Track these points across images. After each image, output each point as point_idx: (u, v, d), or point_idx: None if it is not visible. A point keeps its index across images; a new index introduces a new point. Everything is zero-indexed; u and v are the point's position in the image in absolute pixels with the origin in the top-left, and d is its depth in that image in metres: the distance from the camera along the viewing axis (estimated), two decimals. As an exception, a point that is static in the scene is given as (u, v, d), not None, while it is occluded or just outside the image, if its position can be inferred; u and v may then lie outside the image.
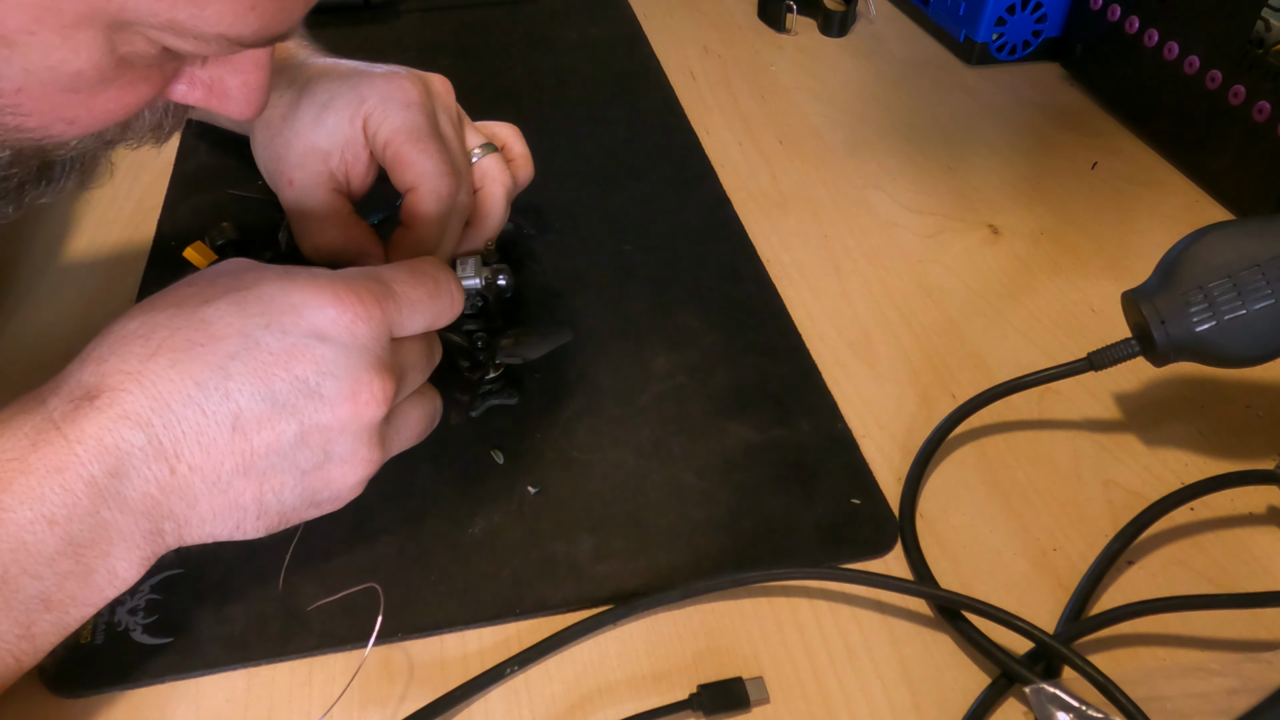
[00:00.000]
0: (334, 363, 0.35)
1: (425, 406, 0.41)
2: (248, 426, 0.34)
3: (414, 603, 0.40)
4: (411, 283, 0.38)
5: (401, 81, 0.47)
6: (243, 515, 0.35)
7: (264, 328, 0.34)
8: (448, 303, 0.39)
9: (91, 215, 0.61)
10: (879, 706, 0.38)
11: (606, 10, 0.86)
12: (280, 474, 0.35)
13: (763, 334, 0.53)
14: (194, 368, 0.33)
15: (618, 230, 0.60)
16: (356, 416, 0.35)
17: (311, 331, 0.35)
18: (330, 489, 0.37)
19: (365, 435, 0.36)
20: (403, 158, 0.46)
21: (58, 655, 0.38)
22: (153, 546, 0.34)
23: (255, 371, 0.34)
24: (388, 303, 0.36)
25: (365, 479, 0.37)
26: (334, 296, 0.35)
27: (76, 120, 0.31)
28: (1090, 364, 0.44)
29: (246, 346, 0.34)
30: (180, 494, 0.33)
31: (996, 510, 0.45)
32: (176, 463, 0.33)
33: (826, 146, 0.70)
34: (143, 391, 0.32)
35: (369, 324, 0.35)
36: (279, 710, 0.37)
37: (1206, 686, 0.37)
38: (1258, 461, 0.47)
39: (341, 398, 0.35)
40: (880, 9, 0.88)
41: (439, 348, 0.41)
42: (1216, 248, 0.42)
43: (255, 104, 0.36)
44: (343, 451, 0.36)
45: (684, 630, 0.40)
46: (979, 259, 0.60)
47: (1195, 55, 0.64)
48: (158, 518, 0.33)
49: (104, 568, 0.33)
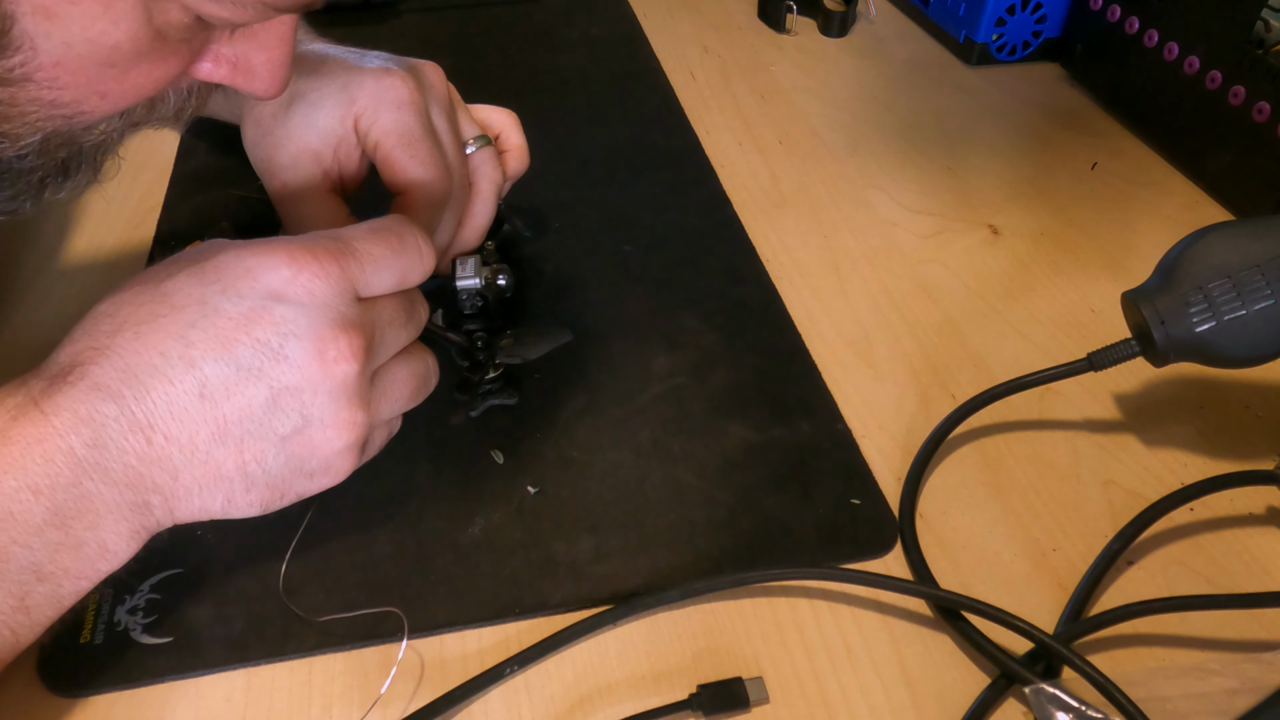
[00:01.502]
0: (294, 322, 0.34)
1: (415, 366, 0.39)
2: (216, 394, 0.33)
3: (414, 602, 0.40)
4: (373, 239, 0.37)
5: (392, 80, 0.47)
6: (230, 487, 0.35)
7: (220, 294, 0.34)
8: (415, 258, 0.38)
9: (91, 215, 0.61)
10: (878, 706, 0.38)
11: (606, 10, 0.86)
12: (258, 441, 0.34)
13: (763, 334, 0.53)
14: (156, 338, 0.33)
15: (618, 230, 0.60)
16: (327, 376, 0.35)
17: (268, 293, 0.34)
18: (317, 456, 0.36)
19: (342, 396, 0.35)
20: (394, 161, 0.46)
21: (58, 655, 0.38)
22: (141, 519, 0.34)
23: (216, 338, 0.34)
24: (346, 259, 0.36)
25: (352, 444, 0.36)
26: (289, 257, 0.35)
27: (109, 95, 0.32)
28: (1090, 364, 0.44)
29: (205, 314, 0.34)
30: (160, 465, 0.33)
31: (996, 510, 0.45)
32: (152, 433, 0.33)
33: (826, 146, 0.70)
34: (110, 364, 0.33)
35: (327, 281, 0.35)
36: (279, 710, 0.37)
37: (1206, 687, 0.37)
38: (1258, 461, 0.47)
39: (307, 358, 0.34)
40: (880, 9, 0.88)
41: (422, 306, 0.40)
42: (1216, 248, 0.42)
43: (279, 80, 0.36)
44: (321, 414, 0.35)
45: (684, 630, 0.40)
46: (979, 259, 0.60)
47: (1195, 56, 0.64)
48: (142, 490, 0.33)
49: (94, 540, 0.33)
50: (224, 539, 0.42)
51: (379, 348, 0.37)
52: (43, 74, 0.30)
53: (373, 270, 0.37)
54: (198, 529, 0.42)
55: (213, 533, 0.42)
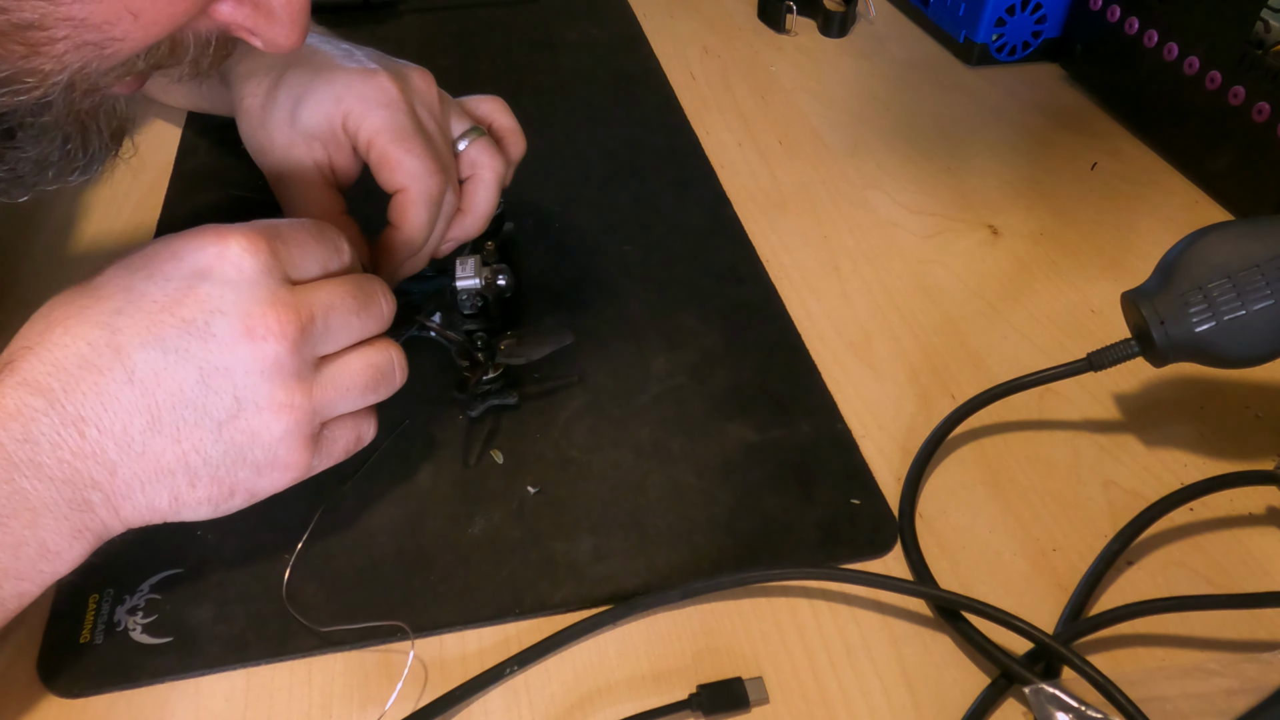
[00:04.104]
0: (220, 299, 0.34)
1: (372, 358, 0.38)
2: (145, 380, 0.33)
3: (414, 603, 0.40)
4: (296, 225, 0.37)
5: (379, 79, 0.46)
6: (174, 481, 0.34)
7: (146, 279, 0.34)
8: (331, 249, 0.38)
9: (92, 215, 0.61)
10: (878, 706, 0.38)
11: (606, 10, 0.86)
12: (195, 428, 0.34)
13: (763, 334, 0.53)
14: (83, 329, 0.33)
15: (618, 230, 0.60)
16: (257, 354, 0.34)
17: (194, 272, 0.34)
18: (259, 444, 0.35)
19: (275, 376, 0.34)
20: (388, 159, 0.45)
21: (58, 655, 0.38)
22: (82, 518, 0.33)
23: (141, 323, 0.33)
24: (274, 240, 0.35)
25: (292, 430, 0.35)
26: (215, 235, 0.34)
27: (141, 13, 0.30)
28: (1090, 364, 0.44)
29: (131, 300, 0.33)
30: (96, 460, 0.33)
31: (996, 510, 0.45)
32: (84, 426, 0.33)
33: (826, 146, 0.70)
34: (38, 359, 0.33)
35: (255, 257, 0.34)
36: (278, 710, 0.37)
37: (1206, 687, 0.37)
38: (1257, 462, 0.47)
39: (235, 335, 0.33)
40: (880, 9, 0.88)
41: (384, 300, 0.39)
42: (1216, 248, 0.42)
43: (299, 26, 0.35)
44: (255, 396, 0.34)
45: (683, 630, 0.40)
46: (979, 259, 0.60)
47: (1195, 56, 0.64)
48: (80, 486, 0.33)
49: (34, 539, 0.32)
50: (224, 539, 0.42)
51: (322, 334, 0.36)
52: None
53: (299, 253, 0.36)
54: (198, 529, 0.42)
55: (213, 533, 0.42)
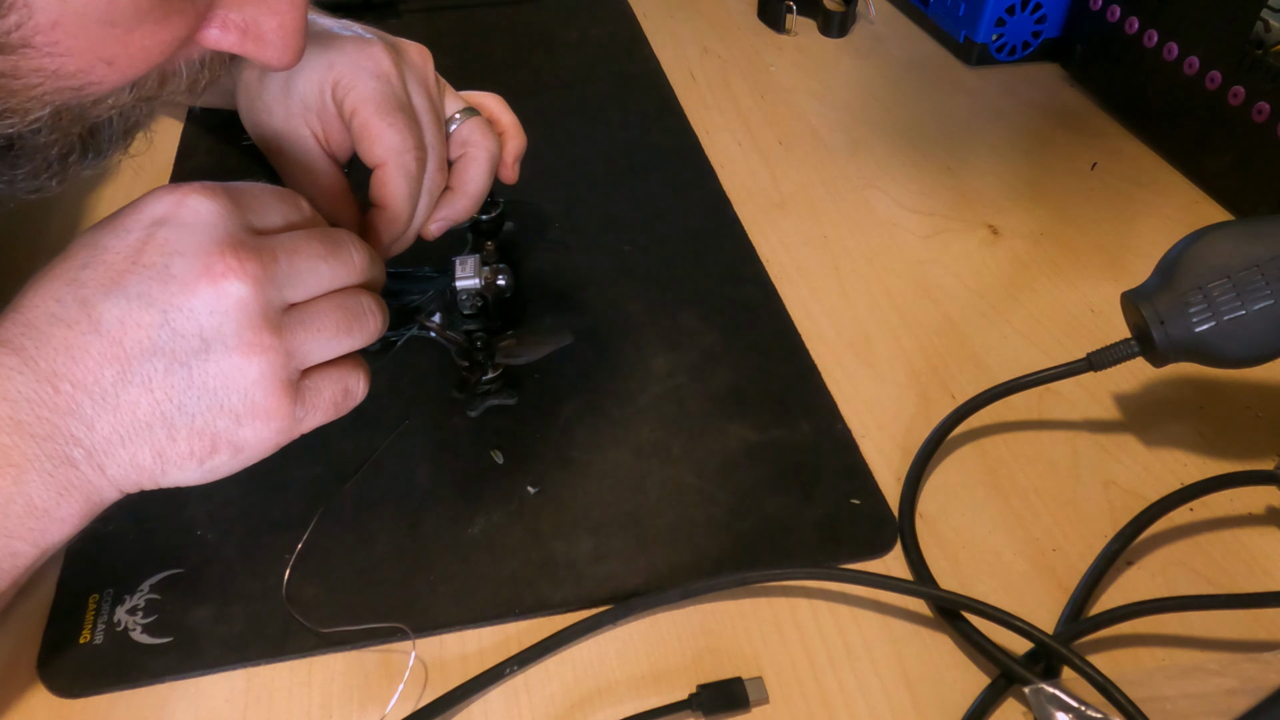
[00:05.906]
0: (178, 241, 0.34)
1: (345, 301, 0.37)
2: (111, 329, 0.33)
3: (414, 603, 0.40)
4: (256, 185, 0.37)
5: (373, 49, 0.46)
6: (153, 435, 0.34)
7: (110, 233, 0.34)
8: (292, 204, 0.38)
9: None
10: (878, 706, 0.38)
11: (606, 10, 0.86)
12: (166, 375, 0.34)
13: (763, 334, 0.53)
14: (52, 287, 0.34)
15: (618, 230, 0.60)
16: (219, 294, 0.34)
17: (153, 220, 0.34)
18: (234, 389, 0.34)
19: (241, 315, 0.34)
20: (369, 130, 0.44)
21: (58, 655, 0.38)
22: (67, 475, 0.33)
23: (104, 274, 0.34)
24: (233, 191, 0.36)
25: (266, 373, 0.35)
26: (174, 187, 0.35)
27: (115, 60, 0.31)
28: (1090, 364, 0.44)
29: (95, 254, 0.34)
30: (74, 415, 0.33)
31: (996, 510, 0.45)
32: (58, 381, 0.33)
33: (826, 147, 0.70)
34: (11, 321, 0.33)
35: (213, 200, 0.35)
36: (279, 710, 0.37)
37: (1206, 687, 0.37)
38: (1257, 462, 0.47)
39: (194, 274, 0.33)
40: (880, 9, 0.88)
41: (354, 248, 0.38)
42: (1216, 248, 0.42)
43: (292, 48, 0.35)
44: (222, 337, 0.34)
45: (683, 630, 0.40)
46: (979, 259, 0.60)
47: (1195, 56, 0.64)
48: (61, 442, 0.33)
49: (19, 496, 0.33)
50: (224, 539, 0.42)
51: (287, 276, 0.36)
52: (42, 37, 0.29)
53: (258, 204, 0.37)
54: (198, 528, 0.42)
55: (213, 532, 0.42)
